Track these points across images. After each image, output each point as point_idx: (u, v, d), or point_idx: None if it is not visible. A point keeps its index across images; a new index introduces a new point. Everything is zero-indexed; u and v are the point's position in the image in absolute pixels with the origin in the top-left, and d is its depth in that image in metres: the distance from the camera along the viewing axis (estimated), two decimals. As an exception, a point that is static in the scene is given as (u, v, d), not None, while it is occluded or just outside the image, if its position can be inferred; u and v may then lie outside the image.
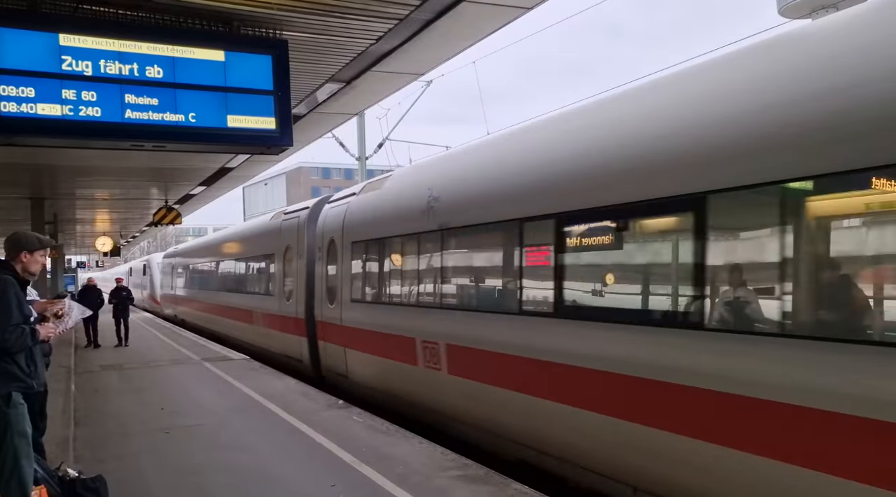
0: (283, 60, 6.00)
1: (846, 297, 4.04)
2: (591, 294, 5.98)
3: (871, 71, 3.90)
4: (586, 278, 6.07)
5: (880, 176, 3.75)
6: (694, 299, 4.85)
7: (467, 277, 8.05)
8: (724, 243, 4.89)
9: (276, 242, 14.29)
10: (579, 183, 6.01)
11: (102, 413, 8.69)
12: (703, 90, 5.18)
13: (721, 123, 4.74)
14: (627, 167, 5.45)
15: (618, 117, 5.98)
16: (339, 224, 10.99)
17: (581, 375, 5.75)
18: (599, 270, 5.91)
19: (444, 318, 7.89)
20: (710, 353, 4.64)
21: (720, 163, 4.66)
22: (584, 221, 5.89)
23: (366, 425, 7.74)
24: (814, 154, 4.05)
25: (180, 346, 16.58)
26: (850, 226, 4.22)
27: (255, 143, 6.07)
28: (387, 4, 6.08)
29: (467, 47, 7.53)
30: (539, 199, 6.40)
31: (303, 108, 9.53)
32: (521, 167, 6.92)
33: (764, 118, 4.42)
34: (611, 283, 5.80)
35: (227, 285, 18.75)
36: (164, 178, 15.27)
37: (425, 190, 8.47)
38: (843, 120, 3.93)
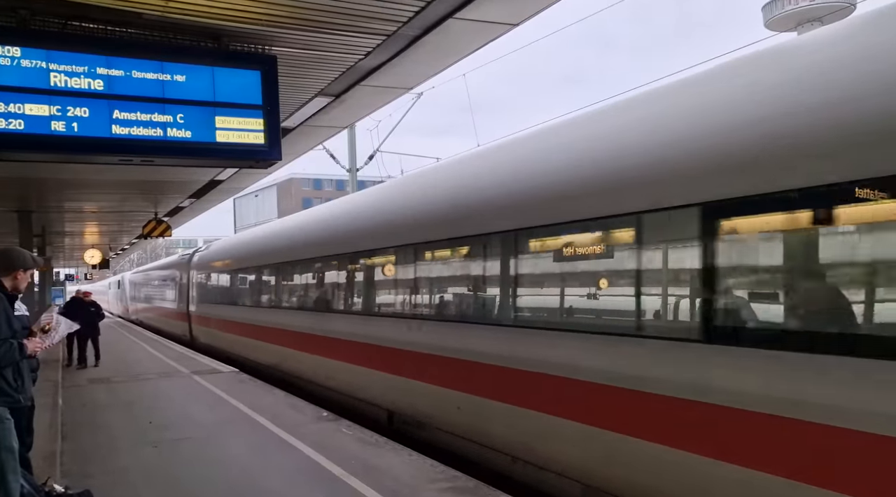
0: (271, 76, 6.07)
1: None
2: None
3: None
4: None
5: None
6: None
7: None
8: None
9: (176, 271, 24.30)
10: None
11: (90, 427, 8.64)
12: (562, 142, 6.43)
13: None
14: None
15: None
16: (189, 261, 21.94)
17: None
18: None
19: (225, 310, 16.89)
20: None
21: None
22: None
23: (355, 437, 7.74)
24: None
25: (169, 358, 16.49)
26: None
27: (244, 157, 6.12)
28: (375, 21, 6.17)
29: (455, 62, 7.62)
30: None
31: (292, 121, 9.59)
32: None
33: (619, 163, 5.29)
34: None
35: (151, 297, 30.43)
36: (153, 191, 15.26)
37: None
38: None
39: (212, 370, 14.07)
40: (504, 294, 6.66)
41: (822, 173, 3.79)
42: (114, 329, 29.17)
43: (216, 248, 19.63)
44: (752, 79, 4.61)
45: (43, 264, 20.96)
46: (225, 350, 16.64)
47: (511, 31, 6.67)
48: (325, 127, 10.38)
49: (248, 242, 16.32)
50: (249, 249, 15.43)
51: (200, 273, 19.85)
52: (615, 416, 5.08)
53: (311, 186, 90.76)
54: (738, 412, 4.15)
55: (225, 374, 13.58)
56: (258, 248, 14.68)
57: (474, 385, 6.85)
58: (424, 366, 7.75)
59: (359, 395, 9.67)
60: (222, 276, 17.51)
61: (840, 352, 3.69)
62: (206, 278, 19.15)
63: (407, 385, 8.20)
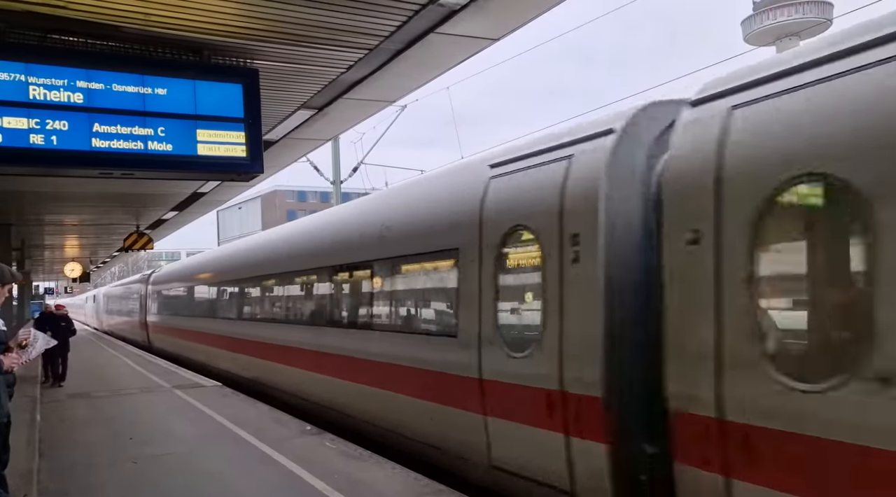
0: (253, 89, 6.08)
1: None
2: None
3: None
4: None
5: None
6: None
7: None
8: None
9: (137, 287, 27.63)
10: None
11: (68, 444, 8.52)
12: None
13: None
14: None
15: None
16: (147, 280, 25.75)
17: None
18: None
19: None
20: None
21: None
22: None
23: (339, 451, 7.69)
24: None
25: (150, 373, 16.30)
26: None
27: (226, 170, 6.11)
28: (356, 35, 6.21)
29: (438, 75, 7.67)
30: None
31: (275, 134, 9.59)
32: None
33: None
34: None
35: (119, 310, 33.67)
36: (135, 204, 15.15)
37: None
38: None
39: (194, 384, 13.93)
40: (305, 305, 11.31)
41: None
42: (93, 343, 28.80)
43: (164, 270, 25.47)
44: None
45: (22, 278, 20.82)
46: (172, 352, 20.44)
47: (492, 46, 6.75)
48: (308, 139, 10.38)
49: (182, 268, 22.49)
50: (182, 273, 21.30)
51: (155, 290, 23.88)
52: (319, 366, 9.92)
53: (295, 198, 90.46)
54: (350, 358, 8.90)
55: (207, 388, 13.45)
56: (188, 272, 20.28)
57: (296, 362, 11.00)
58: (271, 351, 12.07)
59: (242, 374, 14.07)
60: (169, 292, 22.00)
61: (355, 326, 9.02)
62: (159, 294, 23.19)
63: (265, 364, 12.48)
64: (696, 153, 4.22)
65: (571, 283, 5.07)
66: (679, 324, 4.28)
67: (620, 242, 4.81)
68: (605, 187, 4.86)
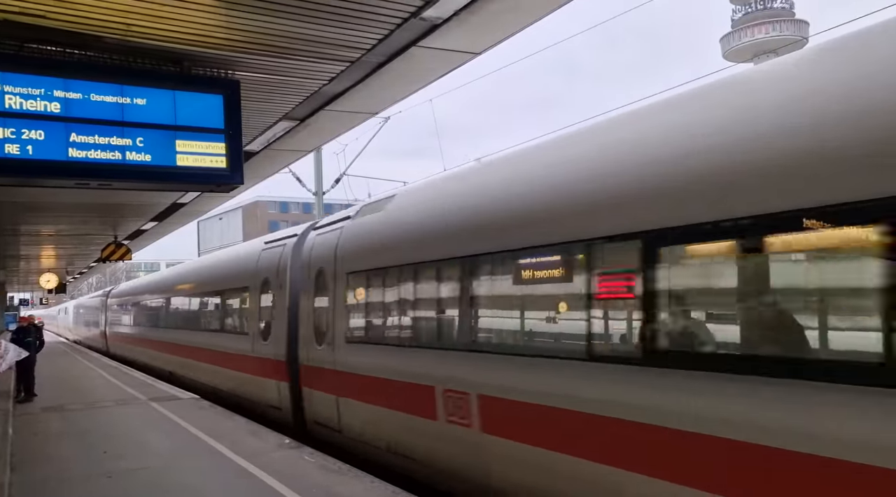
0: (234, 100, 6.07)
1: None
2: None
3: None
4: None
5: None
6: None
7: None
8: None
9: (99, 302, 32.83)
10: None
11: (41, 457, 8.35)
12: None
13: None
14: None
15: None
16: (107, 295, 31.32)
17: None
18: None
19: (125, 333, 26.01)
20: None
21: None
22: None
23: (317, 465, 7.63)
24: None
25: (126, 385, 16.07)
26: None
27: (206, 181, 6.08)
28: (338, 48, 6.23)
29: (420, 88, 7.71)
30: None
31: (256, 145, 9.56)
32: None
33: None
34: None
35: (85, 321, 38.59)
36: (113, 214, 14.98)
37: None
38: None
39: (170, 397, 13.75)
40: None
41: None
42: (68, 354, 28.35)
43: (119, 288, 30.32)
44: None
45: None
46: (124, 355, 24.55)
47: (475, 59, 6.80)
48: (289, 151, 10.36)
49: (129, 287, 27.59)
50: (130, 290, 26.23)
51: (111, 304, 28.83)
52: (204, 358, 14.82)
53: (277, 209, 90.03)
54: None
55: (184, 400, 13.28)
56: (134, 290, 25.44)
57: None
58: (176, 349, 17.40)
59: (150, 362, 20.14)
60: (121, 307, 26.63)
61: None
62: (115, 308, 27.89)
63: (171, 358, 17.92)
64: (305, 248, 10.46)
65: (278, 305, 10.99)
66: (297, 325, 10.40)
67: (292, 285, 10.64)
68: (289, 259, 10.79)
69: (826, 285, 3.91)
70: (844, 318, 3.85)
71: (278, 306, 10.75)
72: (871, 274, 3.48)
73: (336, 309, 9.06)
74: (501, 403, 5.81)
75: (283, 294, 10.60)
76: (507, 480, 5.74)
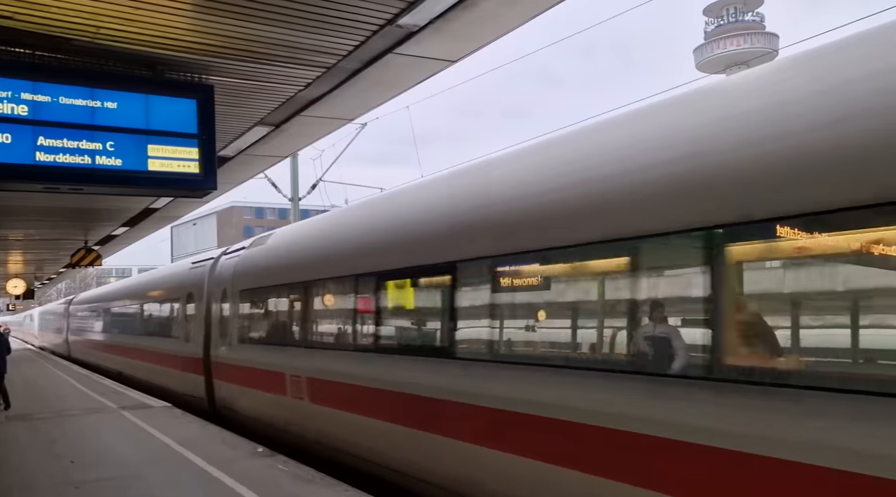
0: (208, 105, 6.01)
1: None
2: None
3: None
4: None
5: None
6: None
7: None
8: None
9: (62, 309, 35.74)
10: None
11: (6, 468, 8.15)
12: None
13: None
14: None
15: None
16: (69, 303, 34.12)
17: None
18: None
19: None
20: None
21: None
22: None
23: (290, 473, 7.55)
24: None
25: (96, 393, 15.76)
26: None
27: (178, 186, 6.01)
28: (314, 53, 6.21)
29: (396, 95, 7.71)
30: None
31: (231, 150, 9.48)
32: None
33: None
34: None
35: (49, 327, 40.28)
36: (83, 219, 14.73)
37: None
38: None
39: (142, 405, 13.52)
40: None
41: None
42: (36, 362, 27.73)
43: (79, 297, 33.58)
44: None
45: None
46: (83, 359, 26.51)
47: (451, 67, 6.82)
48: (265, 156, 10.29)
49: (87, 296, 30.70)
50: (88, 298, 29.29)
51: (74, 311, 31.03)
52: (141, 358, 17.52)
53: (252, 215, 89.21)
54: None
55: (156, 409, 13.07)
56: (90, 299, 28.43)
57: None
58: (120, 351, 20.32)
59: (104, 364, 22.26)
60: (80, 314, 29.13)
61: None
62: (76, 315, 30.32)
63: (119, 359, 20.28)
64: (217, 269, 12.89)
65: (197, 314, 13.36)
66: (210, 330, 12.66)
67: (208, 298, 12.86)
68: (206, 278, 13.12)
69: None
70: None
71: (197, 315, 13.42)
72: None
73: (233, 317, 11.74)
74: (321, 383, 8.55)
75: (202, 305, 13.21)
76: (325, 434, 8.54)
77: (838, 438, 3.36)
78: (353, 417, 7.79)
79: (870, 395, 3.32)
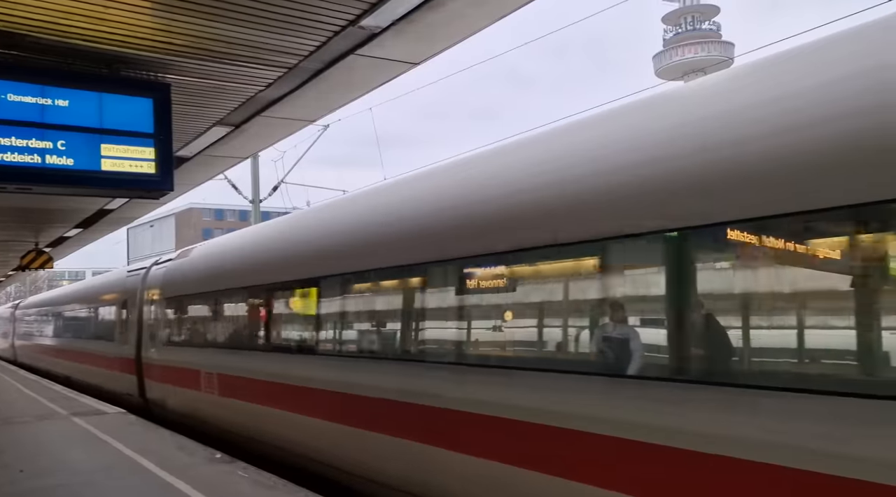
0: (165, 104, 5.88)
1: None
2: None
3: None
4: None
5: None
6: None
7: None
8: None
9: (9, 314, 35.50)
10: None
11: (-52, 479, 7.83)
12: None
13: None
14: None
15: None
16: (15, 308, 34.69)
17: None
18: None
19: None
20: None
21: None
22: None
23: (251, 480, 7.42)
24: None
25: (46, 399, 15.27)
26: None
27: (133, 186, 5.86)
28: (275, 53, 6.13)
29: (359, 96, 7.66)
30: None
31: (189, 150, 9.30)
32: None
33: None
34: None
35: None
36: (33, 220, 14.25)
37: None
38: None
39: (95, 411, 13.15)
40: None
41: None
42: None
43: (25, 302, 33.71)
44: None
45: None
46: (29, 363, 26.98)
47: (414, 69, 6.81)
48: (224, 157, 10.11)
49: (32, 302, 30.98)
50: (33, 303, 29.66)
51: (20, 316, 31.75)
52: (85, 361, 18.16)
53: (212, 217, 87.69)
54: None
55: (110, 415, 12.73)
56: (35, 304, 28.90)
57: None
58: (59, 353, 21.75)
59: (38, 365, 24.25)
60: (26, 319, 29.80)
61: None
62: (22, 320, 30.96)
63: (65, 363, 20.83)
64: (149, 277, 14.00)
65: (131, 319, 14.50)
66: (142, 334, 13.85)
67: (140, 304, 14.01)
68: (140, 285, 14.19)
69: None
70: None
71: (131, 320, 14.53)
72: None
73: (160, 322, 13.06)
74: (228, 378, 9.91)
75: (136, 311, 14.30)
76: (233, 422, 9.86)
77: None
78: (246, 406, 9.34)
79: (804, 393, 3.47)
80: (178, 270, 12.67)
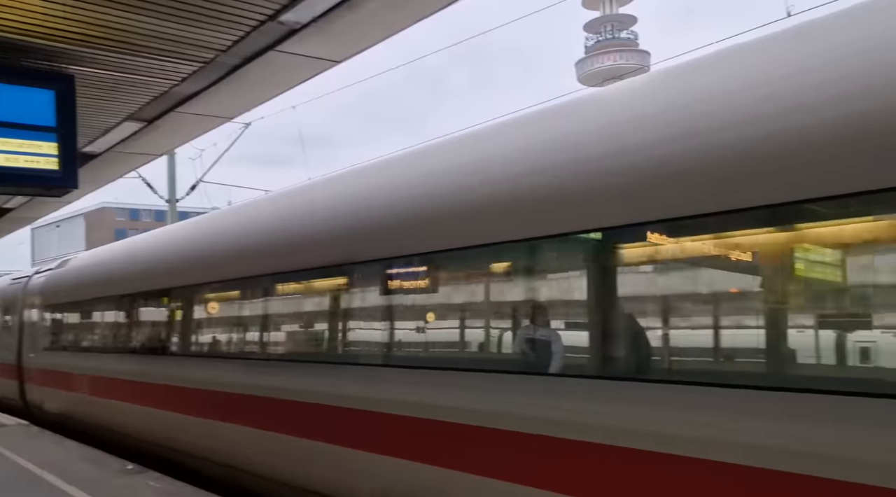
0: (68, 96, 5.57)
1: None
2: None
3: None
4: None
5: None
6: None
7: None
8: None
9: None
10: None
11: None
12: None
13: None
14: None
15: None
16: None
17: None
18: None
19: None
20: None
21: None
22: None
23: (163, 490, 7.13)
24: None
25: (-62, 413, 14.17)
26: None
27: (33, 183, 5.52)
28: (190, 47, 5.91)
29: (279, 94, 7.48)
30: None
31: (97, 146, 8.82)
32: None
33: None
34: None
35: None
36: (-79, 218, 13.20)
37: None
38: None
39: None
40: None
41: None
42: None
43: None
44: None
45: None
46: None
47: (337, 68, 6.70)
48: (137, 154, 9.64)
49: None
50: None
51: None
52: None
53: (126, 217, 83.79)
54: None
55: (9, 427, 11.95)
56: None
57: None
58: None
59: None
60: None
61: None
62: None
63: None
64: (31, 285, 14.68)
65: (13, 325, 15.15)
66: (23, 340, 14.50)
67: (22, 310, 14.71)
68: (21, 292, 14.92)
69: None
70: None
71: (13, 326, 15.14)
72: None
73: (39, 327, 13.79)
74: (100, 379, 10.76)
75: (17, 317, 14.94)
76: (109, 420, 10.51)
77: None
78: (110, 403, 10.31)
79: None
80: (55, 279, 13.55)
